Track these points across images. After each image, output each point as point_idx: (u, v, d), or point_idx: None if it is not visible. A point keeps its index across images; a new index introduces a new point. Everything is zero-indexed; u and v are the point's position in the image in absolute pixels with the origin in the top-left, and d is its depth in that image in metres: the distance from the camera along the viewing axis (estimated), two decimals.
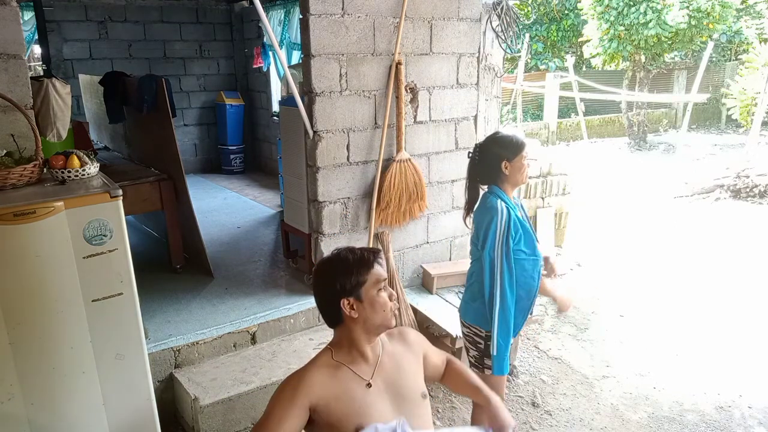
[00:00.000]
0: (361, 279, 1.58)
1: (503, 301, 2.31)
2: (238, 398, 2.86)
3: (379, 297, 1.59)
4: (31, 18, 5.86)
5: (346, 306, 1.58)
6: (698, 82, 10.92)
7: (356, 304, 1.58)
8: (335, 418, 1.53)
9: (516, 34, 4.03)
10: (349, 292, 1.58)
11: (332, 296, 1.60)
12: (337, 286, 1.58)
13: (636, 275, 5.13)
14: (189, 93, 7.67)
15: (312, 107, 3.33)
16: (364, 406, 1.55)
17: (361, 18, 3.36)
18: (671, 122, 14.54)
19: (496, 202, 2.32)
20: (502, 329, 2.33)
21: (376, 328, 1.61)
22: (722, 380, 3.50)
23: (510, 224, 2.28)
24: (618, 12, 10.84)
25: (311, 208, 3.57)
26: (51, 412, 2.13)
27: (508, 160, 2.36)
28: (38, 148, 2.29)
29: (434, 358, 1.83)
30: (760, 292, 4.75)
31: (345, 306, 1.58)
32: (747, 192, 7.62)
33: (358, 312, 1.58)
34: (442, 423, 3.11)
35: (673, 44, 11.14)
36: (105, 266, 2.12)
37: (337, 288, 1.58)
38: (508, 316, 2.32)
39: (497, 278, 2.30)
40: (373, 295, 1.58)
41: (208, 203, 6.15)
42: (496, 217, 2.28)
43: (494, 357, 2.37)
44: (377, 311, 1.59)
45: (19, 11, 2.42)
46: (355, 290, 1.58)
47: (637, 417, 3.18)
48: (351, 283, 1.57)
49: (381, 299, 1.59)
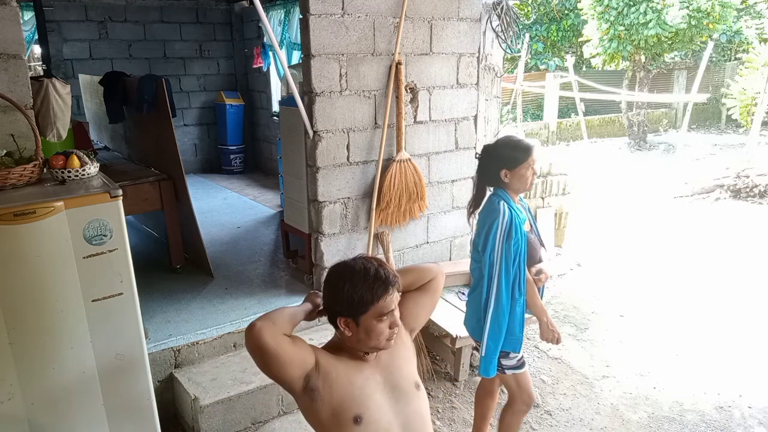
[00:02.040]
0: (365, 306, 1.53)
1: (498, 304, 2.30)
2: (238, 398, 2.86)
3: (377, 327, 1.54)
4: (31, 18, 5.85)
5: (341, 323, 1.58)
6: (698, 82, 10.92)
7: (352, 325, 1.56)
8: (336, 400, 1.54)
9: (516, 34, 4.03)
10: (349, 314, 1.55)
11: (332, 308, 1.60)
12: (339, 302, 1.56)
13: (636, 275, 5.13)
14: (189, 93, 7.67)
15: (312, 107, 3.33)
16: (362, 395, 1.56)
17: (361, 18, 3.36)
18: (671, 122, 14.54)
19: (499, 204, 2.30)
20: (494, 331, 2.32)
21: (367, 348, 1.60)
22: (722, 380, 3.50)
23: (511, 228, 2.26)
24: (618, 12, 10.84)
25: (311, 208, 3.57)
26: (51, 412, 2.13)
27: (508, 169, 2.32)
28: (38, 148, 2.29)
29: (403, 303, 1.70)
30: (760, 292, 4.75)
31: (341, 323, 1.58)
32: (747, 192, 7.62)
33: (352, 332, 1.57)
34: (442, 423, 3.11)
35: (673, 44, 11.14)
36: (105, 266, 2.12)
37: (338, 305, 1.57)
38: (501, 320, 2.31)
39: (494, 281, 2.29)
40: (371, 324, 1.54)
41: (208, 203, 6.15)
42: (498, 219, 2.27)
43: (481, 358, 2.38)
44: (371, 338, 1.56)
45: (19, 11, 2.42)
46: (355, 313, 1.54)
47: (637, 417, 3.18)
48: (354, 306, 1.53)
49: (378, 329, 1.54)
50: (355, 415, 1.53)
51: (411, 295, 1.77)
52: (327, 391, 1.54)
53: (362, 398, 1.55)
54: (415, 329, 1.82)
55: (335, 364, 1.58)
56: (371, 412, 1.55)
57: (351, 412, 1.53)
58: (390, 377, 1.63)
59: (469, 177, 4.08)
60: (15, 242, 1.95)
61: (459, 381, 3.45)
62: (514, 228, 2.27)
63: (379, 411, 1.56)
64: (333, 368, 1.56)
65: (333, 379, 1.54)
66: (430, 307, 1.82)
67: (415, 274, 1.78)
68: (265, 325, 1.49)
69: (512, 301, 2.33)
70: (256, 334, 1.48)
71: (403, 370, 1.66)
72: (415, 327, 1.81)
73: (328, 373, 1.55)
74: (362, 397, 1.55)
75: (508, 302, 2.31)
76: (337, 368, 1.57)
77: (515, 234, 2.27)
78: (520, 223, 2.31)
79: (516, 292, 2.33)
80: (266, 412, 2.95)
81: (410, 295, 1.77)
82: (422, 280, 1.78)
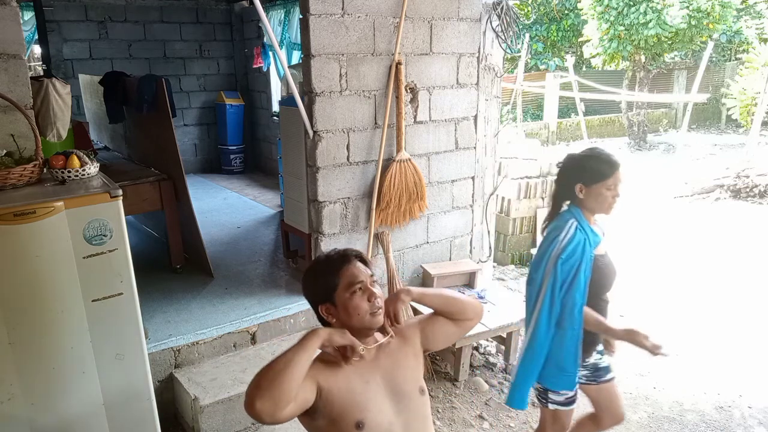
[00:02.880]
0: (332, 283, 1.54)
1: (536, 331, 2.07)
2: (238, 398, 2.86)
3: (351, 300, 1.53)
4: (31, 18, 5.85)
5: (323, 312, 1.57)
6: (698, 82, 10.91)
7: (332, 309, 1.56)
8: (336, 412, 1.51)
9: (516, 34, 4.03)
10: (324, 298, 1.55)
11: (312, 303, 1.60)
12: (313, 292, 1.58)
13: (636, 275, 5.13)
14: (189, 93, 7.67)
15: (312, 107, 3.33)
16: (364, 400, 1.53)
17: (361, 18, 3.36)
18: (671, 122, 14.54)
19: (567, 222, 2.07)
20: (527, 359, 2.09)
21: (357, 331, 1.56)
22: (722, 380, 3.50)
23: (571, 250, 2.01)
24: (618, 12, 10.84)
25: (311, 208, 3.57)
26: (51, 412, 2.13)
27: (585, 184, 2.07)
28: (38, 148, 2.29)
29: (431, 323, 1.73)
30: (760, 292, 4.75)
31: (323, 312, 1.57)
32: (747, 192, 7.62)
33: (336, 317, 1.56)
34: (442, 423, 3.11)
35: (673, 44, 11.14)
36: (105, 266, 2.12)
37: (313, 294, 1.58)
38: (537, 350, 2.07)
39: (537, 304, 2.06)
40: (345, 298, 1.53)
41: (208, 203, 6.14)
42: (558, 237, 2.05)
43: (511, 384, 2.16)
44: (352, 315, 1.53)
45: (19, 11, 2.42)
46: (328, 295, 1.54)
47: (637, 417, 3.18)
48: (323, 289, 1.55)
49: (354, 302, 1.52)
50: (356, 421, 1.50)
51: (441, 321, 1.72)
52: (328, 408, 1.51)
53: (363, 403, 1.53)
54: (430, 350, 1.78)
55: (334, 379, 1.52)
56: (373, 415, 1.53)
57: (353, 419, 1.50)
58: (391, 380, 1.61)
59: (469, 177, 4.08)
60: (15, 242, 1.96)
61: (459, 381, 3.45)
62: (575, 251, 2.02)
63: (380, 413, 1.55)
64: (333, 386, 1.52)
65: (334, 394, 1.51)
66: (453, 339, 1.78)
67: (459, 305, 1.72)
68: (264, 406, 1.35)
69: (560, 331, 2.06)
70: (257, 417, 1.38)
71: (407, 374, 1.63)
72: (430, 348, 1.77)
73: (330, 392, 1.51)
74: (363, 402, 1.53)
75: (547, 330, 2.06)
76: (337, 382, 1.52)
77: (574, 257, 2.01)
78: (587, 247, 2.04)
79: (565, 321, 2.05)
80: None
81: (441, 321, 1.72)
82: (461, 314, 1.72)
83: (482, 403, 3.30)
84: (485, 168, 4.20)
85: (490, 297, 3.77)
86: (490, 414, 3.20)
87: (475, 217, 4.20)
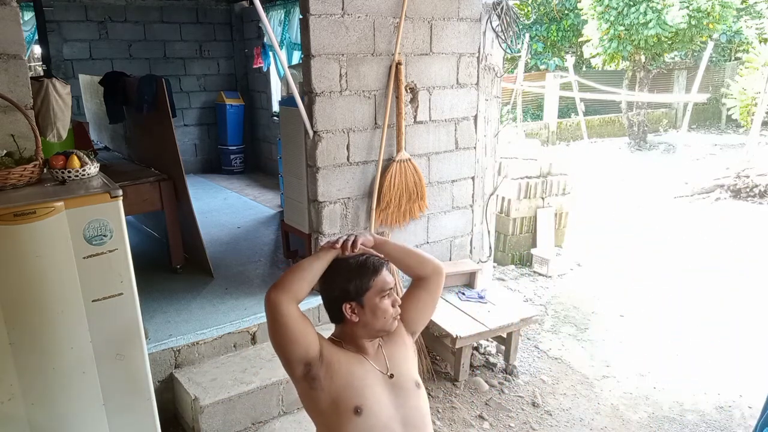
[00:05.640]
0: (365, 285, 1.61)
1: None
2: (238, 398, 2.86)
3: (381, 304, 1.62)
4: (31, 18, 5.85)
5: (347, 310, 1.62)
6: (698, 82, 10.92)
7: (358, 308, 1.62)
8: (335, 390, 1.57)
9: (516, 34, 4.03)
10: (352, 297, 1.61)
11: (335, 298, 1.64)
12: (341, 289, 1.62)
13: (636, 275, 5.13)
14: (189, 93, 7.67)
15: (312, 107, 3.33)
16: (363, 386, 1.59)
17: (361, 18, 3.36)
18: (671, 122, 14.54)
19: None
20: None
21: (376, 332, 1.65)
22: (722, 380, 3.50)
23: None
24: (618, 12, 10.84)
25: (311, 208, 3.57)
26: (51, 412, 2.13)
27: None
28: (38, 148, 2.29)
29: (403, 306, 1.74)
30: (760, 293, 4.75)
31: (347, 310, 1.62)
32: (747, 192, 7.62)
33: (359, 316, 1.62)
34: (442, 423, 3.11)
35: (673, 44, 11.14)
36: (105, 266, 2.12)
37: (340, 291, 1.62)
38: None
39: None
40: (375, 302, 1.61)
41: (208, 203, 6.15)
42: None
43: None
44: (378, 318, 1.62)
45: (19, 11, 2.41)
46: (358, 296, 1.61)
47: (637, 417, 3.18)
48: (355, 289, 1.61)
49: (383, 306, 1.62)
50: (355, 406, 1.55)
51: (411, 294, 1.79)
52: (328, 380, 1.57)
53: (362, 389, 1.58)
54: (417, 332, 1.83)
55: (338, 355, 1.62)
56: (371, 404, 1.57)
57: (351, 402, 1.56)
58: (389, 374, 1.65)
59: (469, 177, 4.08)
60: (15, 242, 1.95)
61: (459, 381, 3.45)
62: None
63: (379, 404, 1.58)
64: (335, 358, 1.60)
65: (335, 369, 1.58)
66: (431, 306, 1.82)
67: (418, 257, 1.78)
68: (279, 294, 1.57)
69: None
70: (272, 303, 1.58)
71: (402, 368, 1.68)
72: (417, 329, 1.82)
73: (330, 363, 1.59)
74: (362, 387, 1.58)
75: None
76: (339, 359, 1.61)
77: None
78: None
79: None
80: (266, 413, 2.95)
81: (410, 295, 1.79)
82: (421, 267, 1.78)
83: (482, 403, 3.30)
84: (485, 168, 4.20)
85: (490, 297, 3.77)
86: (490, 414, 3.20)
87: (475, 217, 4.20)
